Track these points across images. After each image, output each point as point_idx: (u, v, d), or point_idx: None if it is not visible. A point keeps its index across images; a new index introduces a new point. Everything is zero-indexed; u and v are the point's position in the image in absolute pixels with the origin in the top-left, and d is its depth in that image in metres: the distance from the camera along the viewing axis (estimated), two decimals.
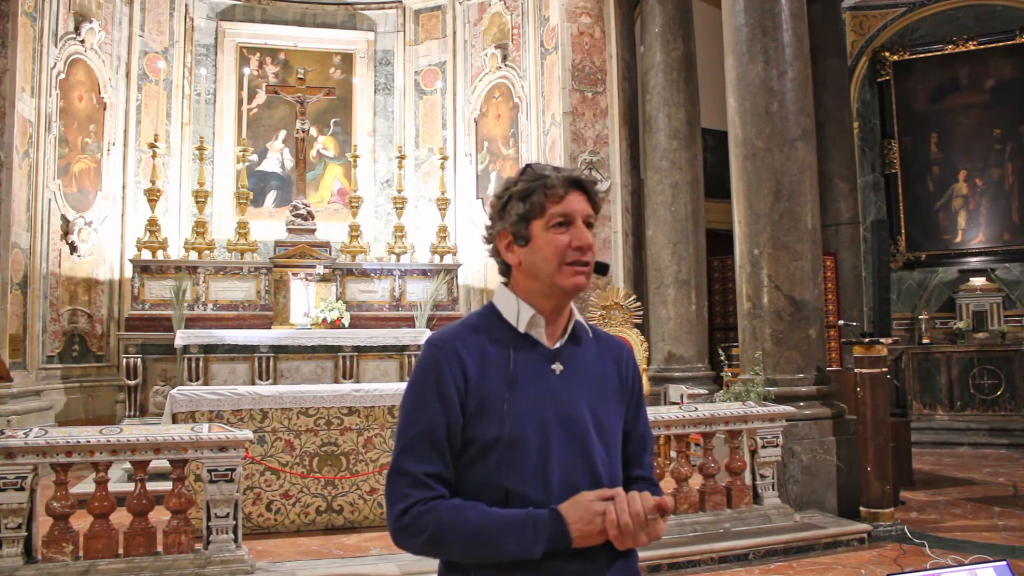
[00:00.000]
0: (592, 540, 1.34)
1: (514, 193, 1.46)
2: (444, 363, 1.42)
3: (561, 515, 1.33)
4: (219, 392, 5.05)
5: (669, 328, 7.78)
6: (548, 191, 1.43)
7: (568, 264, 1.43)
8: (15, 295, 7.39)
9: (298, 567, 4.19)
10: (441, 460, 1.40)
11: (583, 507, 1.34)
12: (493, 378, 1.42)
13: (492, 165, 9.88)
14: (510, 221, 1.46)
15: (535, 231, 1.44)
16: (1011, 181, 9.70)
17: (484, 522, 1.35)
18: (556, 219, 1.43)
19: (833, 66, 8.95)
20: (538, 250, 1.44)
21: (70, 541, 3.75)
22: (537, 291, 1.47)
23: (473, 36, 10.09)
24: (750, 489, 4.92)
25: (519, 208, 1.45)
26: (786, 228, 5.52)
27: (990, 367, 8.68)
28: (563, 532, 1.33)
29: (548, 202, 1.43)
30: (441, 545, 1.37)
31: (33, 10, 7.78)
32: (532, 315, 1.46)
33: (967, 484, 6.63)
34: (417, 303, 9.05)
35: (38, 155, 7.88)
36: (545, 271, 1.44)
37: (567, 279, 1.43)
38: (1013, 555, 4.39)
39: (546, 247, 1.43)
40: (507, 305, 1.49)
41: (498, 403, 1.40)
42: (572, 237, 1.44)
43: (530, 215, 1.44)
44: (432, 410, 1.40)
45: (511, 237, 1.47)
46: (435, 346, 1.45)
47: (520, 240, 1.46)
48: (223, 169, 9.88)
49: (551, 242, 1.43)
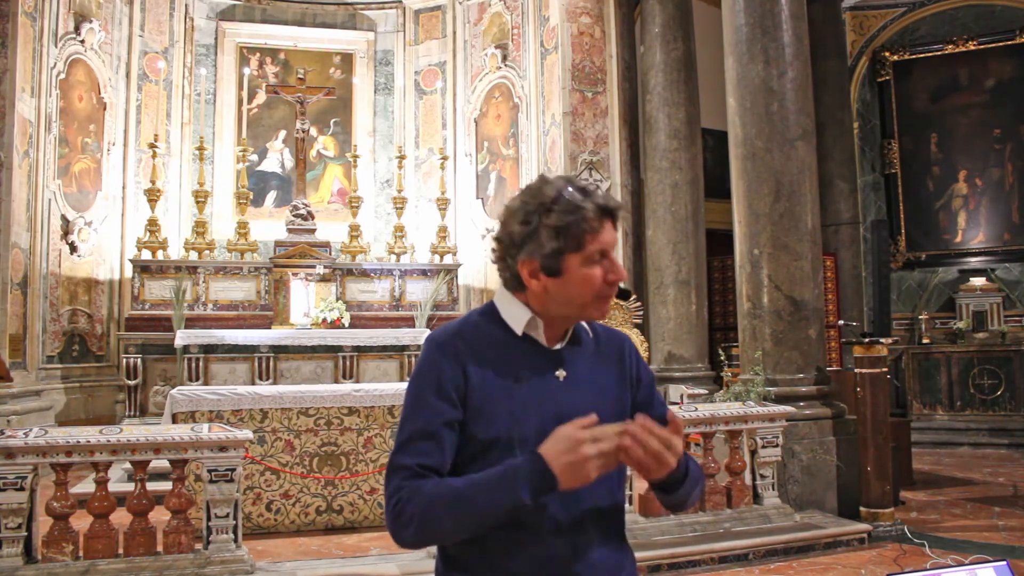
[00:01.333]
0: (580, 475, 1.26)
1: (547, 225, 1.39)
2: (444, 360, 1.42)
3: (540, 454, 1.28)
4: (219, 392, 5.06)
5: (669, 328, 7.78)
6: (586, 225, 1.39)
7: (602, 297, 1.43)
8: (15, 295, 7.39)
9: (298, 567, 4.19)
10: (439, 453, 1.38)
11: (563, 438, 1.28)
12: (493, 377, 1.42)
13: (492, 165, 9.89)
14: (542, 253, 1.40)
15: (570, 265, 1.40)
16: (1011, 181, 9.70)
17: (466, 484, 1.32)
18: (595, 254, 1.40)
19: (833, 66, 8.96)
20: (572, 285, 1.41)
21: (70, 541, 3.75)
22: (556, 312, 1.45)
23: (473, 36, 10.09)
24: (750, 489, 4.92)
25: (554, 243, 1.39)
26: (786, 228, 5.52)
27: (990, 367, 8.68)
28: (545, 470, 1.27)
29: (586, 237, 1.39)
30: (431, 523, 1.32)
31: (33, 10, 7.78)
32: (530, 318, 1.46)
33: (967, 484, 6.62)
34: (417, 303, 9.05)
35: (38, 155, 7.88)
36: (576, 303, 1.42)
37: (598, 311, 1.43)
38: (1013, 555, 4.38)
39: (582, 284, 1.40)
40: (509, 308, 1.48)
41: (497, 402, 1.40)
42: (607, 270, 1.41)
43: (565, 250, 1.39)
44: (430, 407, 1.39)
45: (538, 266, 1.41)
46: (436, 343, 1.45)
47: (550, 272, 1.41)
48: (223, 169, 9.88)
49: (588, 279, 1.40)
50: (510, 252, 1.45)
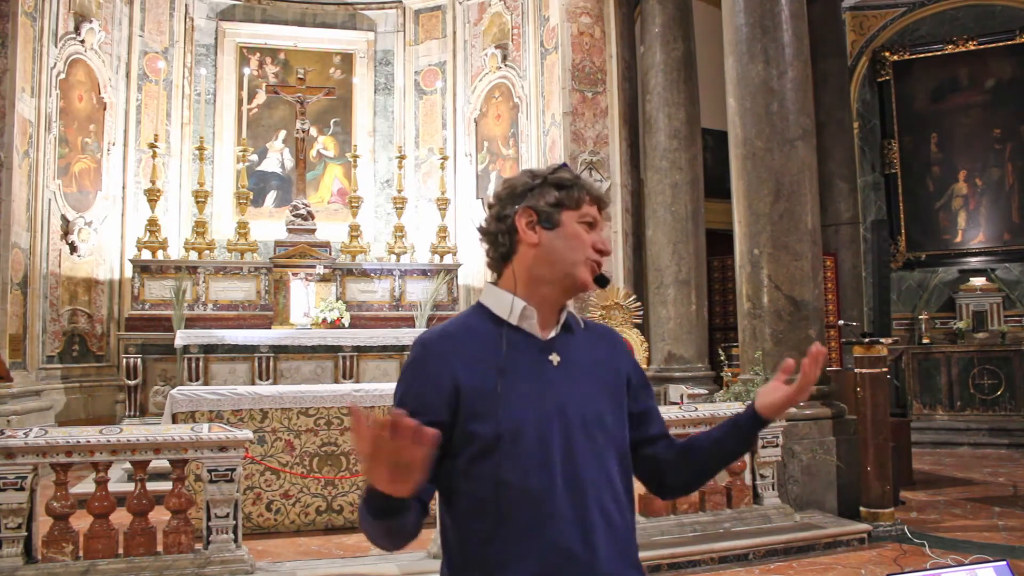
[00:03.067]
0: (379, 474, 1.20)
1: (551, 180, 1.49)
2: (429, 363, 1.42)
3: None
4: (219, 392, 5.06)
5: (669, 328, 7.78)
6: (582, 192, 1.49)
7: (589, 262, 1.48)
8: (15, 295, 7.39)
9: (298, 567, 4.19)
10: None
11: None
12: (487, 374, 1.40)
13: (492, 165, 9.89)
14: (544, 201, 1.47)
15: (566, 219, 1.47)
16: (1011, 181, 9.70)
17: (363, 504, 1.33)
18: (588, 218, 1.49)
19: (833, 66, 8.95)
20: (566, 237, 1.47)
21: (70, 541, 3.75)
22: (542, 279, 1.47)
23: (473, 36, 10.09)
24: (750, 489, 4.92)
25: (555, 194, 1.48)
26: (786, 228, 5.52)
27: (990, 367, 8.68)
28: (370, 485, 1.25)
29: (583, 200, 1.49)
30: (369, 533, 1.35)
31: (33, 10, 7.78)
32: (524, 307, 1.46)
33: (967, 484, 6.62)
34: (417, 303, 9.06)
35: (38, 155, 7.89)
36: (567, 259, 1.46)
37: (584, 273, 1.47)
38: (1013, 555, 4.38)
39: (575, 238, 1.47)
40: (497, 301, 1.49)
41: (494, 399, 1.39)
42: (597, 239, 1.50)
43: (565, 203, 1.48)
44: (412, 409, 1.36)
45: (537, 217, 1.47)
46: (423, 345, 1.45)
47: (547, 223, 1.46)
48: (223, 169, 9.88)
49: (580, 237, 1.47)
50: (509, 203, 1.49)
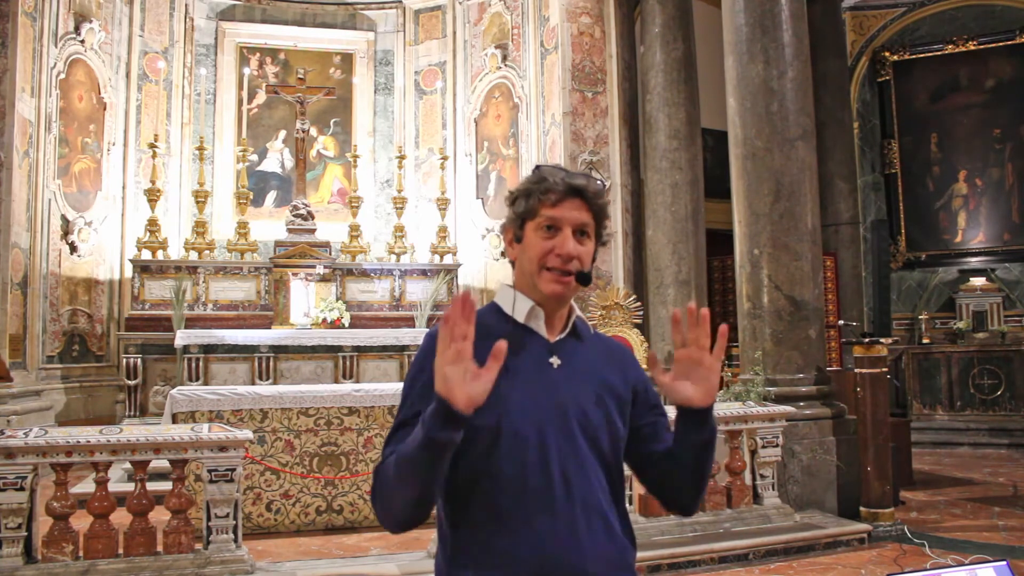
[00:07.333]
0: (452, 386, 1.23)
1: (518, 193, 1.52)
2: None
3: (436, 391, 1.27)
4: (219, 392, 5.06)
5: (669, 328, 7.77)
6: (543, 195, 1.47)
7: (547, 269, 1.46)
8: (15, 295, 7.39)
9: (298, 567, 4.19)
10: None
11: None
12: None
13: (492, 165, 9.88)
14: (510, 219, 1.53)
15: (527, 231, 1.50)
16: (1011, 181, 9.70)
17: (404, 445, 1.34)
18: (544, 223, 1.47)
19: (833, 66, 8.95)
20: (526, 251, 1.49)
21: (70, 541, 3.75)
22: (527, 287, 1.51)
23: (473, 36, 10.08)
24: (750, 489, 4.92)
25: (519, 207, 1.51)
26: (786, 228, 5.52)
27: (990, 367, 8.68)
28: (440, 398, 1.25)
29: (541, 206, 1.47)
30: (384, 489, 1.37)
31: (33, 10, 7.78)
32: (531, 306, 1.49)
33: (967, 484, 6.62)
34: (417, 303, 9.05)
35: (38, 155, 7.88)
36: (528, 271, 1.49)
37: (545, 284, 1.47)
38: (1013, 555, 4.38)
39: (531, 249, 1.48)
40: (506, 299, 1.53)
41: (495, 394, 1.38)
42: (556, 244, 1.46)
43: (525, 216, 1.50)
44: (420, 398, 1.40)
45: (512, 234, 1.53)
46: (434, 338, 1.45)
47: (518, 238, 1.52)
48: (223, 169, 9.88)
49: (535, 245, 1.47)
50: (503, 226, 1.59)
